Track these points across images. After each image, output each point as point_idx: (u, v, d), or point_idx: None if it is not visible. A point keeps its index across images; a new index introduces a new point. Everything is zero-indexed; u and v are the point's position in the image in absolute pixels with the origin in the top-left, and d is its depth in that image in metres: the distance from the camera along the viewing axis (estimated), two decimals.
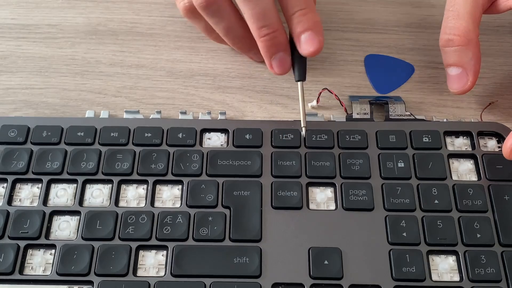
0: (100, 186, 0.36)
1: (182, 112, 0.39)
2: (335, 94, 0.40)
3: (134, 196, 0.35)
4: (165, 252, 0.33)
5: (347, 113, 0.40)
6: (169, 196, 0.35)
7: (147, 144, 0.37)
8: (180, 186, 0.36)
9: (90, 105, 0.41)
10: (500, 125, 0.38)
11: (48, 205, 0.35)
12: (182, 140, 0.37)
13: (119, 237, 0.34)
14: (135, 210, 0.35)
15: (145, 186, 0.36)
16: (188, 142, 0.37)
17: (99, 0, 0.47)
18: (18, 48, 0.44)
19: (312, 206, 0.35)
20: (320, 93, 0.40)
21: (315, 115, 0.39)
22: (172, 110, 0.41)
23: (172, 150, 0.37)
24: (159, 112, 0.39)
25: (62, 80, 0.42)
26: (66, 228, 0.34)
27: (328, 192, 0.36)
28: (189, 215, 0.34)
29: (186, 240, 0.34)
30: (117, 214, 0.34)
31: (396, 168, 0.36)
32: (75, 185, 0.36)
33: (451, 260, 0.33)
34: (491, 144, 0.38)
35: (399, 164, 0.36)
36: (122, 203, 0.35)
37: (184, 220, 0.34)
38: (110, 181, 0.36)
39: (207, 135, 0.38)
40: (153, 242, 0.33)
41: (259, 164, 0.36)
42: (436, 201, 0.35)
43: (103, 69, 0.43)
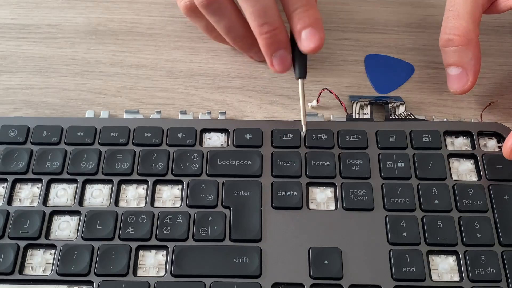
0: (100, 186, 0.36)
1: (182, 112, 0.39)
2: (335, 94, 0.40)
3: (134, 196, 0.35)
4: (165, 252, 0.33)
5: (347, 113, 0.40)
6: (169, 196, 0.35)
7: (147, 144, 0.37)
8: (180, 186, 0.36)
9: (90, 105, 0.41)
10: (500, 125, 0.38)
11: (48, 205, 0.35)
12: (182, 140, 0.37)
13: (119, 237, 0.34)
14: (135, 210, 0.35)
15: (145, 186, 0.36)
16: (188, 142, 0.37)
17: (99, 0, 0.47)
18: (18, 48, 0.44)
19: (312, 206, 0.35)
20: (320, 93, 0.40)
21: (315, 115, 0.39)
22: (172, 110, 0.41)
23: (172, 150, 0.37)
24: (159, 112, 0.39)
25: (62, 80, 0.42)
26: (66, 228, 0.34)
27: (328, 192, 0.36)
28: (189, 215, 0.34)
29: (186, 240, 0.34)
30: (117, 214, 0.34)
31: (396, 168, 0.36)
32: (75, 185, 0.36)
33: (451, 260, 0.33)
34: (491, 144, 0.38)
35: (399, 164, 0.36)
36: (122, 203, 0.35)
37: (184, 220, 0.34)
38: (110, 181, 0.36)
39: (207, 135, 0.38)
40: (153, 242, 0.33)
41: (259, 164, 0.36)
42: (436, 201, 0.35)
43: (103, 69, 0.43)
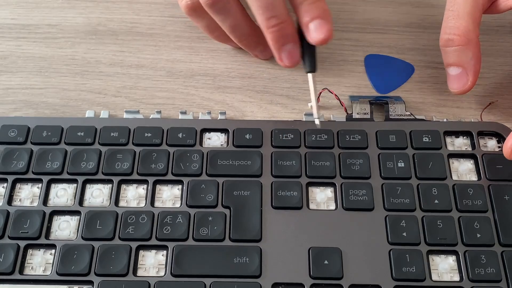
0: (100, 186, 0.36)
1: (182, 112, 0.39)
2: (335, 94, 0.40)
3: (134, 196, 0.35)
4: (165, 252, 0.33)
5: (347, 113, 0.40)
6: (169, 196, 0.35)
7: (147, 144, 0.37)
8: (180, 186, 0.36)
9: (90, 105, 0.41)
10: (500, 125, 0.38)
11: (48, 205, 0.35)
12: (182, 140, 0.37)
13: (119, 237, 0.34)
14: (135, 210, 0.35)
15: (145, 186, 0.36)
16: (188, 142, 0.37)
17: (99, 0, 0.47)
18: (18, 48, 0.44)
19: (312, 206, 0.35)
20: (320, 93, 0.40)
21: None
22: (172, 110, 0.41)
23: (172, 150, 0.37)
24: (159, 112, 0.39)
25: (62, 80, 0.42)
26: (66, 228, 0.34)
27: (328, 192, 0.36)
28: (189, 215, 0.34)
29: (186, 240, 0.34)
30: (117, 214, 0.34)
31: (396, 168, 0.36)
32: (75, 185, 0.36)
33: (451, 260, 0.33)
34: (491, 144, 0.38)
35: (399, 164, 0.36)
36: (122, 203, 0.35)
37: (184, 220, 0.34)
38: (110, 181, 0.36)
39: (207, 135, 0.38)
40: (153, 242, 0.34)
41: (259, 164, 0.36)
42: (436, 201, 0.35)
43: (103, 69, 0.43)
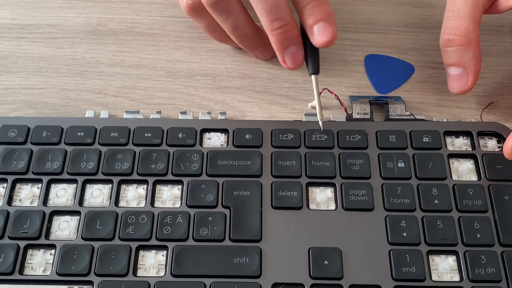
0: (100, 186, 0.36)
1: (182, 112, 0.39)
2: (335, 94, 0.40)
3: (134, 196, 0.35)
4: (165, 252, 0.33)
5: (347, 113, 0.40)
6: (169, 196, 0.35)
7: (147, 144, 0.37)
8: (180, 186, 0.36)
9: (90, 105, 0.41)
10: (500, 125, 0.38)
11: (48, 205, 0.35)
12: (182, 140, 0.37)
13: (119, 237, 0.33)
14: (135, 210, 0.35)
15: (145, 186, 0.36)
16: (188, 142, 0.37)
17: (99, 0, 0.47)
18: (18, 48, 0.44)
19: (312, 206, 0.35)
20: (320, 93, 0.40)
21: (315, 115, 0.39)
22: (172, 110, 0.41)
23: (172, 150, 0.37)
24: (159, 112, 0.39)
25: (62, 80, 0.42)
26: (66, 228, 0.34)
27: (328, 192, 0.36)
28: (189, 215, 0.34)
29: (186, 240, 0.34)
30: (117, 214, 0.34)
31: (396, 168, 0.36)
32: (75, 185, 0.36)
33: (451, 260, 0.33)
34: (491, 144, 0.38)
35: (399, 164, 0.36)
36: (122, 203, 0.35)
37: (184, 220, 0.34)
38: (110, 181, 0.36)
39: (207, 135, 0.38)
40: (153, 242, 0.33)
41: (259, 164, 0.36)
42: (436, 201, 0.35)
43: (103, 69, 0.43)
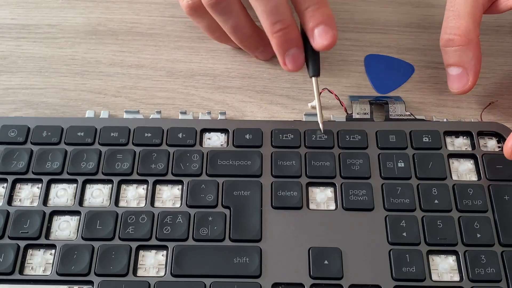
0: (100, 186, 0.36)
1: (182, 112, 0.39)
2: (335, 94, 0.40)
3: (134, 196, 0.35)
4: (165, 252, 0.33)
5: (347, 113, 0.40)
6: (169, 196, 0.35)
7: (147, 144, 0.37)
8: (180, 186, 0.36)
9: (90, 105, 0.41)
10: (500, 125, 0.38)
11: (48, 205, 0.35)
12: (182, 140, 0.37)
13: (119, 237, 0.33)
14: (135, 210, 0.35)
15: (145, 186, 0.36)
16: (188, 142, 0.37)
17: (99, 0, 0.47)
18: (18, 48, 0.44)
19: (312, 206, 0.35)
20: (320, 93, 0.40)
21: (316, 115, 0.39)
22: (172, 110, 0.41)
23: (172, 150, 0.37)
24: (159, 112, 0.39)
25: (62, 80, 0.42)
26: (66, 228, 0.34)
27: (328, 192, 0.36)
28: (189, 215, 0.34)
29: (186, 240, 0.34)
30: (117, 214, 0.34)
31: (396, 168, 0.36)
32: (75, 185, 0.36)
33: (451, 260, 0.33)
34: (491, 144, 0.38)
35: (399, 164, 0.36)
36: (122, 203, 0.35)
37: (184, 220, 0.34)
38: (110, 181, 0.36)
39: (207, 135, 0.38)
40: (153, 242, 0.33)
41: (259, 164, 0.36)
42: (436, 201, 0.35)
43: (103, 69, 0.43)
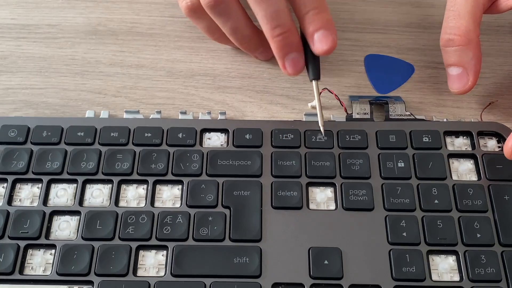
0: (100, 186, 0.36)
1: (182, 112, 0.39)
2: (335, 94, 0.40)
3: (134, 196, 0.35)
4: (165, 252, 0.33)
5: (347, 113, 0.40)
6: (169, 196, 0.35)
7: (147, 144, 0.37)
8: (180, 186, 0.36)
9: (90, 105, 0.41)
10: (500, 125, 0.38)
11: (48, 205, 0.35)
12: (182, 140, 0.37)
13: (119, 237, 0.34)
14: (135, 210, 0.35)
15: (145, 186, 0.36)
16: (188, 142, 0.37)
17: (99, 0, 0.47)
18: (18, 48, 0.44)
19: (312, 206, 0.35)
20: (320, 93, 0.40)
21: (316, 115, 0.39)
22: (172, 110, 0.41)
23: (172, 150, 0.37)
24: (159, 112, 0.39)
25: (62, 80, 0.42)
26: (66, 228, 0.34)
27: (328, 192, 0.36)
28: (189, 215, 0.34)
29: (186, 240, 0.34)
30: (117, 214, 0.34)
31: (396, 168, 0.36)
32: (75, 185, 0.36)
33: (451, 260, 0.33)
34: (491, 144, 0.38)
35: (399, 164, 0.36)
36: (122, 203, 0.35)
37: (184, 220, 0.34)
38: (110, 181, 0.36)
39: (207, 135, 0.38)
40: (153, 242, 0.33)
41: (259, 164, 0.36)
42: (436, 201, 0.35)
43: (103, 69, 0.43)
